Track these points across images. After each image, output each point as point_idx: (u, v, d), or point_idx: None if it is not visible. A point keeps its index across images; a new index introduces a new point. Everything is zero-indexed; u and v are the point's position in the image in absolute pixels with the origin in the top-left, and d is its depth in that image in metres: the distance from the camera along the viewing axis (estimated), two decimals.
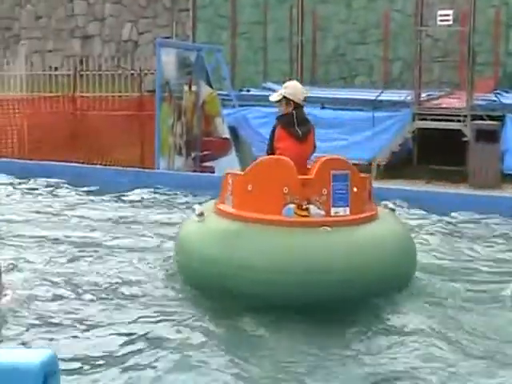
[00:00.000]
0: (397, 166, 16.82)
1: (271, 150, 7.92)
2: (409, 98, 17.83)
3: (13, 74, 26.07)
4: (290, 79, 11.04)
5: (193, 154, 14.98)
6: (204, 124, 15.27)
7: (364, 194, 7.39)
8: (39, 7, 32.91)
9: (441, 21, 18.07)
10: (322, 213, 7.06)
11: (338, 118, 17.74)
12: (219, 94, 15.83)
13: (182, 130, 14.77)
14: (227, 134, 15.26)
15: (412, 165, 17.51)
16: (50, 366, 2.67)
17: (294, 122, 7.87)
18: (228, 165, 14.89)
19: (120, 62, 26.18)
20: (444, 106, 18.21)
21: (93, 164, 15.54)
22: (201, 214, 7.54)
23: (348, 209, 7.15)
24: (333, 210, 7.08)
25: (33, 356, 2.69)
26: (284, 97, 7.95)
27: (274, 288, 6.81)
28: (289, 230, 6.99)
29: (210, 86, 15.40)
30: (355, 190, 7.20)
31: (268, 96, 8.33)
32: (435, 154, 16.82)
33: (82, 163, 15.34)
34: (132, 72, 21.87)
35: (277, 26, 22.97)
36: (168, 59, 14.31)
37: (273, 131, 8.01)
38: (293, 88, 8.13)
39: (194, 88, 14.96)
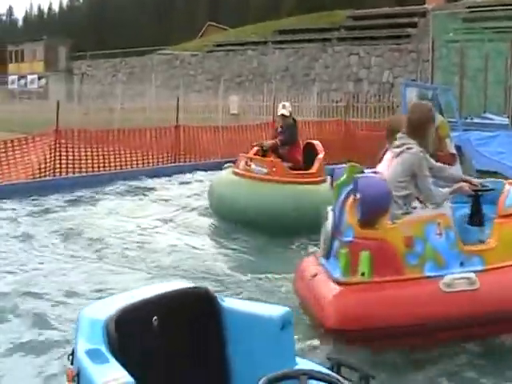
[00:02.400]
0: None
1: (294, 140, 9.14)
2: None
3: (308, 105, 26.33)
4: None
5: None
6: (437, 142, 14.46)
7: None
8: (327, 60, 32.97)
9: None
10: None
11: None
12: (449, 121, 14.86)
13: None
14: (454, 151, 14.34)
15: None
16: (287, 318, 2.60)
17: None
18: (454, 173, 14.02)
19: (380, 98, 25.71)
20: None
21: None
22: None
23: None
24: None
25: (275, 310, 2.64)
26: (290, 112, 9.26)
27: None
28: None
29: (442, 115, 14.53)
30: None
31: (487, 123, 7.85)
32: None
33: None
34: (388, 105, 21.46)
35: (495, 71, 21.59)
36: (411, 95, 13.64)
37: (295, 130, 9.25)
38: (290, 106, 9.63)
39: None
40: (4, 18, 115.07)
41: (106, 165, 13.18)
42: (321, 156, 8.92)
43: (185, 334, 2.65)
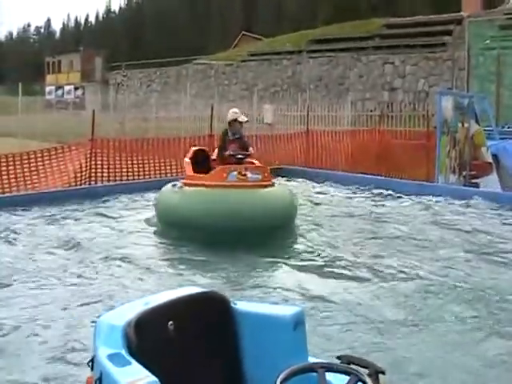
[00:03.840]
0: None
1: None
2: None
3: (342, 114, 26.23)
4: None
5: (463, 173, 14.06)
6: (473, 151, 14.34)
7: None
8: (361, 69, 32.90)
9: None
10: None
11: None
12: (485, 130, 14.75)
13: (456, 155, 13.90)
14: (490, 159, 14.20)
15: None
16: (299, 317, 2.67)
17: None
18: (490, 183, 13.84)
19: (415, 107, 25.51)
20: None
21: (391, 177, 15.17)
22: None
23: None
24: None
25: (287, 310, 2.73)
26: None
27: None
28: None
29: (478, 124, 14.41)
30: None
31: None
32: None
33: (384, 176, 15.05)
34: (423, 114, 21.24)
35: None
36: (447, 104, 13.52)
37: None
38: None
39: (465, 125, 14.06)
40: (42, 30, 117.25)
41: (141, 173, 13.34)
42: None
43: (199, 337, 2.72)
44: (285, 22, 68.64)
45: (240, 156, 8.79)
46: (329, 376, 2.25)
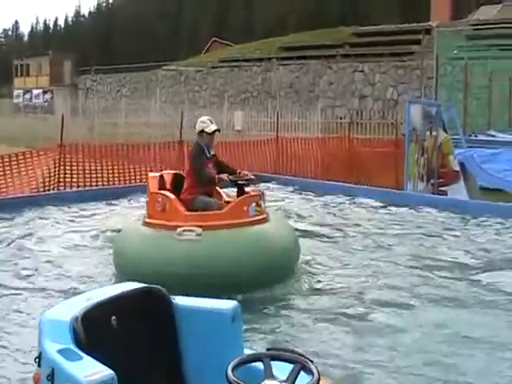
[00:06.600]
0: None
1: None
2: None
3: (312, 121, 26.37)
4: None
5: (431, 181, 14.21)
6: (440, 159, 14.51)
7: None
8: (331, 77, 33.11)
9: None
10: None
11: None
12: (452, 138, 14.93)
13: (424, 163, 14.05)
14: (457, 168, 14.37)
15: None
16: (237, 311, 2.81)
17: None
18: (457, 191, 13.99)
19: (384, 115, 25.77)
20: None
21: (361, 185, 15.25)
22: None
23: None
24: None
25: (225, 304, 2.84)
26: None
27: None
28: None
29: (446, 132, 14.58)
30: None
31: (491, 140, 7.60)
32: None
33: (354, 184, 15.13)
34: (392, 122, 21.47)
35: (500, 89, 21.66)
36: (415, 112, 13.65)
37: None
38: None
39: (433, 133, 14.22)
40: (10, 32, 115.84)
41: (110, 179, 13.24)
42: None
43: (142, 331, 2.82)
44: (255, 29, 68.82)
45: (242, 182, 6.79)
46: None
